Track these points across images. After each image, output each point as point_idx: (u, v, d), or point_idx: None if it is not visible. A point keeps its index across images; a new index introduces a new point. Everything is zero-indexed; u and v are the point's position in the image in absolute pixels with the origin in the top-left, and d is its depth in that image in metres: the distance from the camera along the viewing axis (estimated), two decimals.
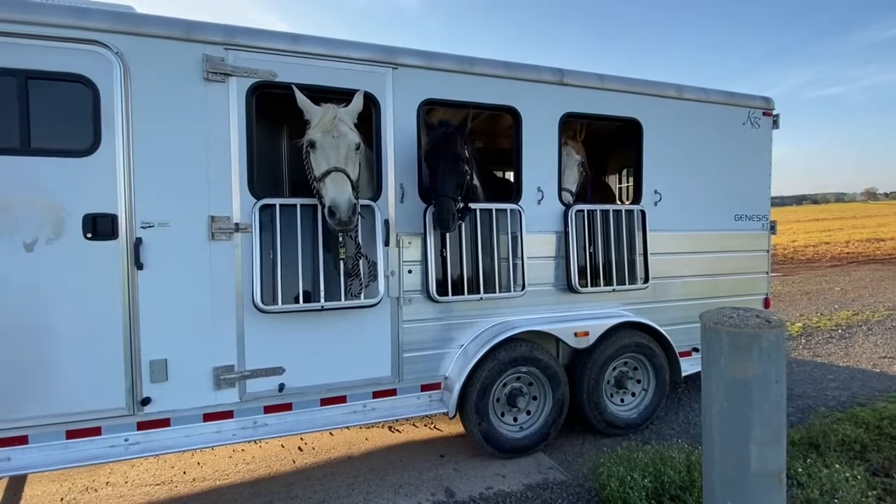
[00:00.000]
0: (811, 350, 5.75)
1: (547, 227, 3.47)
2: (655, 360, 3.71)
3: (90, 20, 2.49)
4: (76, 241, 2.46)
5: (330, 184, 2.48)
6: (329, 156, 2.53)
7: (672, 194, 3.84)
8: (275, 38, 2.77)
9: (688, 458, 2.88)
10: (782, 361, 1.47)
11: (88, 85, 2.48)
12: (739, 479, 1.52)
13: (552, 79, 3.43)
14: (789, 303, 8.58)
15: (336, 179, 2.49)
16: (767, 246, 4.27)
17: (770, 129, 4.20)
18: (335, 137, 2.54)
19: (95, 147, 2.49)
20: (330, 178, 2.49)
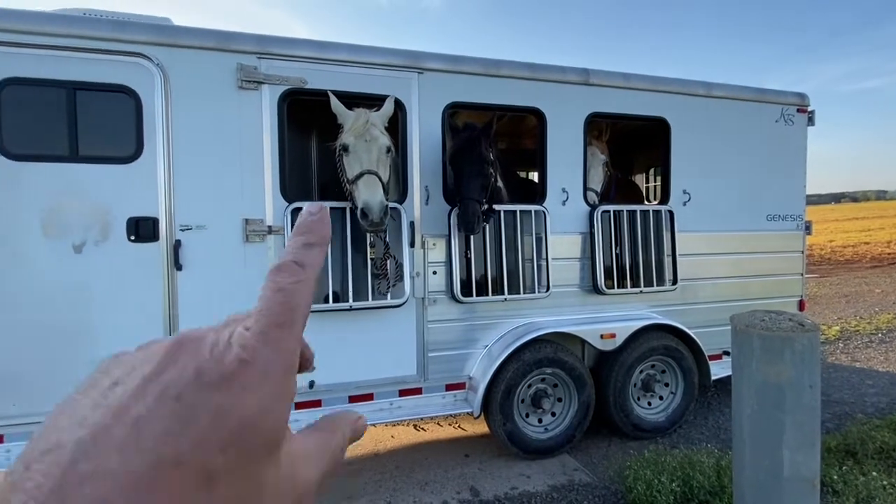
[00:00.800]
0: (849, 355, 5.53)
1: (572, 228, 3.45)
2: (684, 363, 3.65)
3: (133, 33, 2.63)
4: (121, 243, 2.60)
5: (362, 186, 2.56)
6: (361, 159, 2.60)
7: (701, 194, 3.77)
8: (305, 46, 2.86)
9: (717, 463, 2.83)
10: (817, 365, 1.44)
11: (131, 95, 2.62)
12: (771, 485, 1.49)
13: (577, 79, 3.42)
14: (826, 305, 8.25)
15: (368, 182, 2.56)
16: (802, 247, 4.14)
17: (805, 126, 4.07)
18: (367, 141, 2.61)
19: (138, 154, 2.62)
20: (362, 180, 2.56)
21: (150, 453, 0.20)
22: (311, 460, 0.26)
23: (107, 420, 0.21)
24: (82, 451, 0.20)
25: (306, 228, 0.29)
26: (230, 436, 0.22)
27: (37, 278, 2.48)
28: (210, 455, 0.21)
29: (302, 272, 0.26)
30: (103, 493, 0.19)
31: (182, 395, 0.22)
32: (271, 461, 0.24)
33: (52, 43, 2.50)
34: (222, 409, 0.22)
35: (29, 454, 0.21)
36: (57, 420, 0.22)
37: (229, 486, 0.22)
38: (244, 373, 0.23)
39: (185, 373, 0.22)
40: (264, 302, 0.25)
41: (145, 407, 0.21)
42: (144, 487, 0.20)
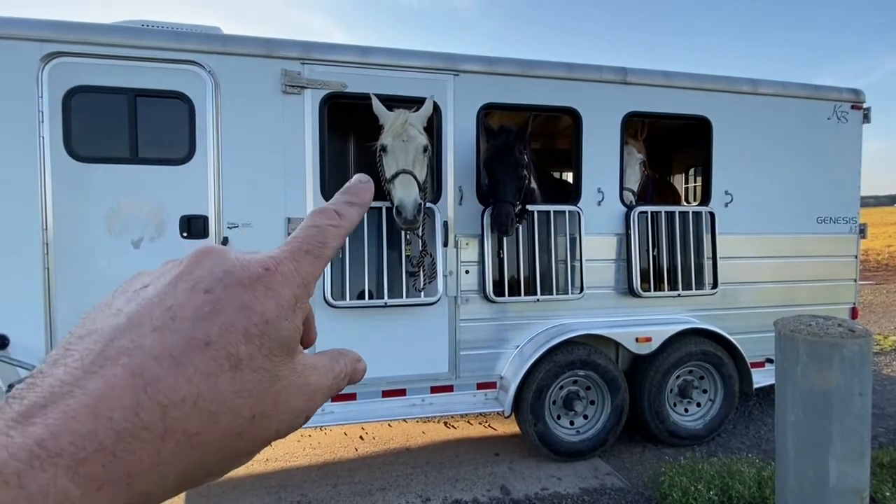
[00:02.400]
0: None
1: (607, 229, 3.41)
2: (724, 369, 3.53)
3: (187, 42, 2.79)
4: (174, 240, 2.77)
5: (398, 185, 2.63)
6: (398, 158, 2.68)
7: (745, 195, 3.63)
8: (346, 51, 2.96)
9: (759, 474, 2.73)
10: (868, 373, 1.38)
11: (185, 100, 2.79)
12: (816, 496, 1.44)
13: (614, 78, 3.37)
14: (882, 314, 7.73)
15: (404, 181, 2.63)
16: (856, 251, 3.91)
17: (860, 123, 3.85)
18: (405, 141, 2.69)
19: (191, 156, 2.79)
20: (398, 179, 2.64)
21: (182, 334, 0.22)
22: (319, 373, 0.28)
23: (142, 308, 0.23)
24: (120, 331, 0.22)
25: (353, 190, 0.32)
26: (254, 328, 0.24)
27: (100, 272, 2.68)
28: (235, 342, 0.23)
29: (338, 219, 0.29)
30: (139, 362, 0.21)
31: (212, 288, 0.24)
32: (287, 362, 0.26)
33: (115, 53, 2.70)
34: (247, 304, 0.24)
35: (67, 341, 0.23)
36: (92, 315, 0.25)
37: (251, 372, 0.24)
38: (268, 278, 0.25)
39: (214, 272, 0.24)
40: (300, 232, 0.28)
41: (178, 297, 0.24)
42: (177, 360, 0.22)
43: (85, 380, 0.21)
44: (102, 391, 0.20)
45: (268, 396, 0.25)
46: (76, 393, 0.20)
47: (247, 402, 0.24)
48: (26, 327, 2.60)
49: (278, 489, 3.01)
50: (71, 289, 2.65)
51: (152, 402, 0.21)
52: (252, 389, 0.24)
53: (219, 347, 0.23)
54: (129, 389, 0.20)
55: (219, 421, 0.23)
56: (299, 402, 0.27)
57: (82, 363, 0.21)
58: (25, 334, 2.60)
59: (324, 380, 0.29)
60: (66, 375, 0.21)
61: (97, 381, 0.20)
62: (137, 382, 0.21)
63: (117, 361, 0.21)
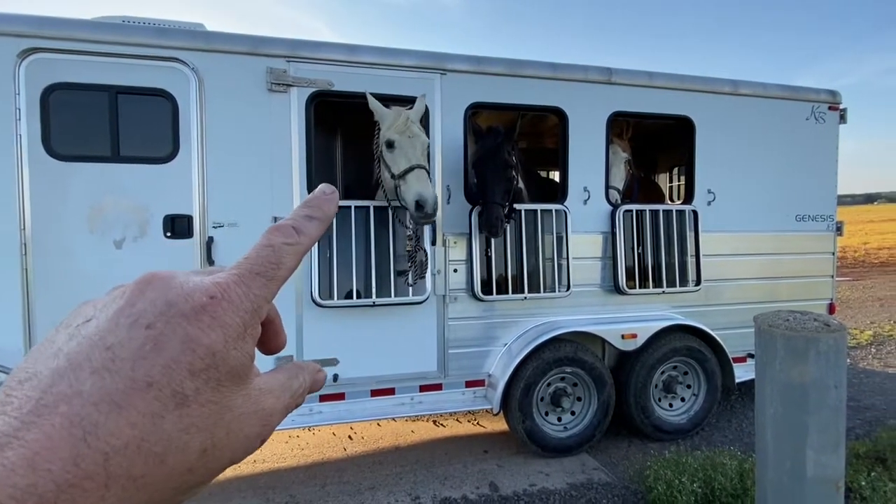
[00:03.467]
0: (882, 360, 5.34)
1: (593, 228, 3.45)
2: (707, 364, 3.60)
3: (169, 39, 2.75)
4: (158, 240, 2.73)
5: (414, 180, 2.63)
6: (408, 154, 2.68)
7: (727, 194, 3.71)
8: (332, 49, 2.94)
9: (741, 466, 2.79)
10: (842, 366, 1.43)
11: (168, 98, 2.74)
12: (794, 486, 1.49)
13: (600, 78, 3.41)
14: (859, 309, 7.96)
15: (419, 175, 2.64)
16: (833, 248, 4.03)
17: (836, 124, 3.96)
18: (410, 137, 2.69)
19: (174, 154, 2.75)
20: (413, 174, 2.64)
21: (123, 375, 0.22)
22: (274, 394, 0.28)
23: (82, 348, 0.22)
24: (59, 375, 0.21)
25: (314, 203, 0.31)
26: (199, 362, 0.23)
27: (82, 272, 2.63)
28: (180, 379, 0.22)
29: (296, 237, 0.28)
30: (78, 410, 0.20)
31: (153, 323, 0.23)
32: (239, 390, 0.25)
33: (95, 49, 2.64)
34: (191, 337, 0.23)
35: (8, 384, 0.22)
36: (34, 355, 0.24)
37: (199, 407, 0.23)
38: (213, 306, 0.24)
39: (156, 304, 0.24)
40: (252, 252, 0.27)
41: (118, 335, 0.23)
42: (118, 405, 0.21)
43: (23, 430, 0.20)
44: (41, 442, 0.20)
45: (219, 428, 0.24)
46: (14, 444, 0.19)
47: (196, 438, 0.23)
48: (3, 329, 2.54)
49: (266, 490, 2.99)
50: (51, 290, 2.60)
51: (93, 450, 0.20)
52: (201, 424, 0.23)
53: (162, 387, 0.22)
54: (67, 439, 0.20)
55: (166, 461, 0.22)
56: (254, 429, 0.26)
57: (20, 412, 0.20)
58: (2, 337, 2.54)
59: (279, 401, 0.28)
60: (5, 426, 0.20)
61: (35, 432, 0.20)
62: (76, 432, 0.20)
63: (56, 410, 0.20)
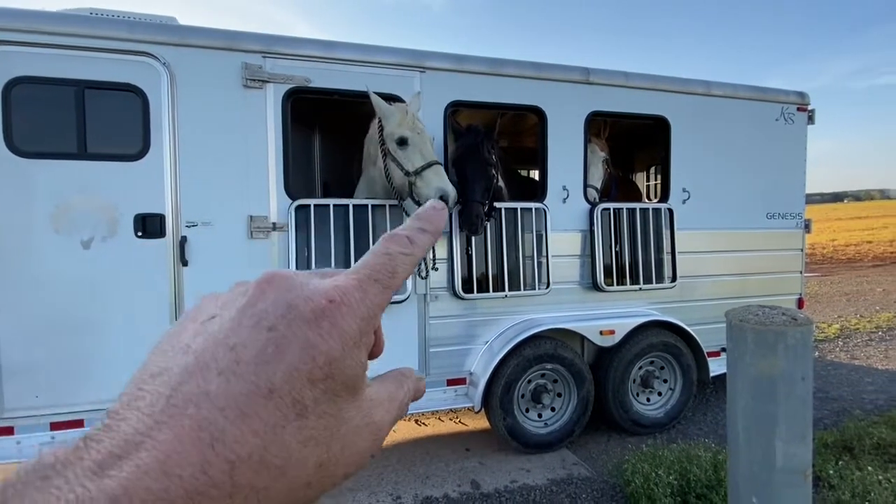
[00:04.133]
0: (849, 353, 5.56)
1: (572, 226, 3.49)
2: (683, 359, 3.68)
3: (140, 32, 2.67)
4: (128, 239, 2.65)
5: (433, 175, 2.65)
6: (423, 150, 2.69)
7: (701, 192, 3.80)
8: (309, 45, 2.90)
9: (715, 458, 2.87)
10: (809, 359, 1.47)
11: (138, 93, 2.66)
12: (764, 476, 1.53)
13: (578, 78, 3.45)
14: (827, 304, 8.26)
15: (438, 171, 2.67)
16: (802, 245, 4.16)
17: (805, 124, 4.09)
18: (419, 133, 2.70)
19: (145, 152, 2.67)
20: (431, 170, 2.66)
21: (246, 380, 0.21)
22: (384, 406, 0.27)
23: (208, 346, 0.23)
24: (188, 374, 0.22)
25: (426, 217, 0.30)
26: (319, 370, 0.23)
27: (47, 272, 2.53)
28: (300, 387, 0.22)
29: (409, 247, 0.28)
30: (206, 414, 0.21)
31: (275, 326, 0.23)
32: (353, 402, 0.25)
33: (60, 42, 2.54)
34: (311, 344, 0.23)
35: (139, 377, 0.23)
36: (162, 347, 0.24)
37: (317, 419, 0.23)
38: (333, 311, 0.24)
39: (278, 305, 0.23)
40: (370, 258, 0.27)
41: (241, 335, 0.23)
42: (243, 411, 0.21)
43: (156, 430, 0.20)
44: (172, 445, 0.20)
45: (335, 442, 0.24)
46: (147, 445, 0.20)
47: (314, 451, 0.23)
48: None
49: None
50: (15, 290, 2.50)
51: (220, 458, 0.20)
52: (318, 437, 0.23)
53: (284, 395, 0.22)
54: (196, 444, 0.20)
55: (286, 473, 0.22)
56: (366, 443, 0.26)
57: (153, 409, 0.21)
58: None
59: (388, 414, 0.28)
60: (139, 423, 0.21)
61: (166, 434, 0.20)
62: (204, 437, 0.20)
63: (185, 411, 0.21)
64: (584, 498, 2.86)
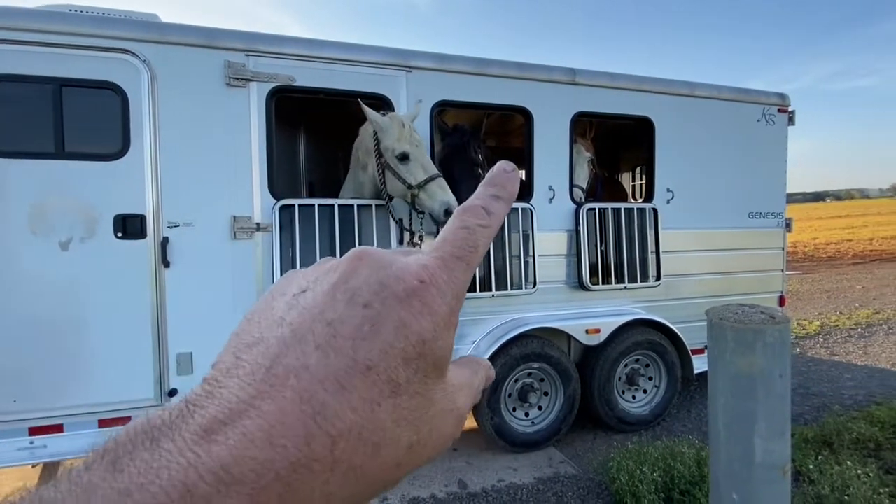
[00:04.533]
0: (829, 349, 5.68)
1: (558, 226, 3.51)
2: (667, 357, 3.73)
3: (119, 30, 2.62)
4: (108, 241, 2.59)
5: (438, 189, 2.68)
6: (425, 164, 2.71)
7: (685, 192, 3.85)
8: (293, 43, 2.87)
9: (698, 454, 2.91)
10: (787, 356, 1.50)
11: (118, 92, 2.61)
12: (744, 472, 1.56)
13: (564, 79, 3.47)
14: (808, 301, 8.44)
15: (442, 185, 2.69)
16: (783, 243, 4.24)
17: (785, 125, 4.17)
18: (418, 146, 2.73)
19: (125, 151, 2.62)
20: (435, 183, 2.68)
21: (345, 355, 0.21)
22: (464, 392, 0.27)
23: (304, 320, 0.22)
24: (286, 345, 0.22)
25: (498, 181, 0.29)
26: (411, 349, 0.23)
27: (24, 274, 2.47)
28: (395, 365, 0.22)
29: (486, 218, 0.27)
30: (306, 386, 0.20)
31: (370, 303, 0.23)
32: (440, 384, 0.25)
33: (36, 39, 2.48)
34: (404, 322, 0.23)
35: (235, 346, 0.23)
36: (255, 318, 0.24)
37: (409, 398, 0.23)
38: (423, 292, 0.24)
39: (370, 283, 0.23)
40: (449, 234, 0.26)
41: (337, 310, 0.22)
42: (342, 385, 0.21)
43: (258, 399, 0.20)
44: (276, 415, 0.20)
45: (424, 424, 0.24)
46: (252, 414, 0.20)
47: (405, 431, 0.23)
48: None
49: None
50: None
51: (322, 431, 0.20)
52: (410, 417, 0.23)
53: (380, 372, 0.22)
54: (299, 416, 0.20)
55: (380, 452, 0.22)
56: (450, 427, 0.26)
57: (254, 378, 0.21)
58: None
59: (468, 399, 0.28)
60: (241, 391, 0.20)
61: (270, 404, 0.20)
62: (306, 409, 0.20)
63: (286, 382, 0.21)
64: (571, 496, 2.88)
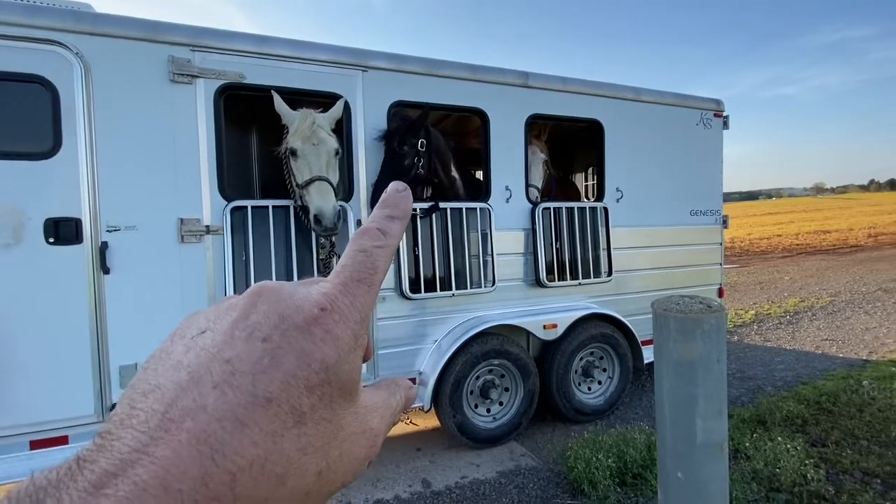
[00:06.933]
0: (762, 335, 6.15)
1: (515, 225, 3.60)
2: (620, 348, 3.91)
3: (46, 19, 2.43)
4: (38, 246, 2.40)
5: (314, 192, 2.54)
6: (311, 164, 2.58)
7: (632, 192, 4.05)
8: (242, 39, 2.78)
9: (648, 439, 3.07)
10: (723, 342, 1.62)
11: (47, 86, 2.43)
12: (687, 451, 1.67)
13: (517, 81, 3.56)
14: (744, 292, 9.08)
15: (320, 188, 2.55)
16: (720, 239, 4.55)
17: (721, 129, 4.47)
18: (315, 145, 2.59)
19: (56, 150, 2.44)
20: (314, 186, 2.55)
21: (243, 391, 0.21)
22: (379, 413, 0.27)
23: (202, 360, 0.22)
24: (182, 389, 0.21)
25: (392, 202, 0.30)
26: (315, 377, 0.23)
27: None
28: (297, 395, 0.22)
29: (383, 239, 0.28)
30: (203, 426, 0.20)
31: (269, 336, 0.23)
32: (349, 408, 0.25)
33: None
34: (305, 351, 0.23)
35: (130, 396, 0.22)
36: (153, 366, 0.24)
37: (315, 426, 0.23)
38: (325, 319, 0.24)
39: (270, 317, 0.23)
40: (347, 259, 0.27)
41: (235, 348, 0.22)
42: (241, 421, 0.21)
43: (152, 446, 0.20)
44: (171, 460, 0.19)
45: (333, 449, 0.23)
46: (145, 462, 0.19)
47: (312, 459, 0.22)
48: None
49: None
50: None
51: (220, 469, 0.20)
52: (317, 444, 0.23)
53: (281, 402, 0.22)
54: (196, 457, 0.20)
55: (286, 483, 0.21)
56: (363, 450, 0.26)
57: (148, 426, 0.20)
58: None
59: (383, 420, 0.28)
60: (133, 441, 0.20)
61: (163, 449, 0.19)
62: (203, 450, 0.20)
63: (182, 425, 0.20)
64: (532, 487, 2.96)
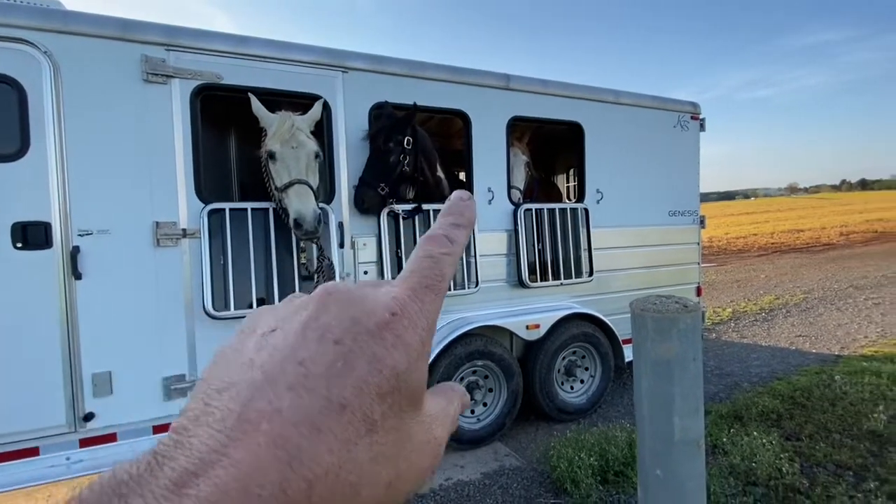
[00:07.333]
0: (739, 332, 6.30)
1: (498, 226, 3.61)
2: (601, 348, 3.96)
3: (13, 17, 2.35)
4: (4, 252, 2.32)
5: (294, 196, 2.51)
6: (290, 167, 2.55)
7: (613, 193, 4.11)
8: (219, 39, 2.73)
9: (629, 437, 3.12)
10: (699, 341, 1.66)
11: (13, 85, 2.35)
12: (665, 449, 1.70)
13: (498, 83, 3.58)
14: (722, 290, 9.29)
15: (300, 192, 2.51)
16: (698, 239, 4.65)
17: (697, 131, 4.58)
18: (294, 148, 2.56)
19: (24, 151, 2.36)
20: (293, 189, 2.51)
21: (318, 395, 0.21)
22: (439, 421, 0.27)
23: (275, 360, 0.22)
24: (256, 389, 0.21)
25: (455, 210, 0.31)
26: (386, 384, 0.22)
27: None
28: (369, 402, 0.22)
29: (450, 246, 0.28)
30: (280, 430, 0.20)
31: (341, 339, 0.22)
32: (416, 417, 0.24)
33: None
34: (377, 357, 0.22)
35: (204, 392, 0.22)
36: (223, 362, 0.23)
37: (385, 434, 0.22)
38: (395, 324, 0.23)
39: (341, 319, 0.23)
40: (415, 264, 0.27)
41: (308, 349, 0.22)
42: (317, 427, 0.20)
43: (230, 447, 0.19)
44: (250, 463, 0.19)
45: (401, 459, 0.23)
46: (224, 463, 0.19)
47: (384, 469, 0.22)
48: None
49: None
50: None
51: (298, 477, 0.19)
52: (387, 453, 0.22)
53: (355, 409, 0.21)
54: (274, 462, 0.19)
55: (360, 492, 0.21)
56: (428, 460, 0.25)
57: (224, 426, 0.20)
58: None
59: (444, 429, 0.27)
60: (211, 440, 0.20)
61: (242, 451, 0.19)
62: (281, 455, 0.19)
63: (259, 427, 0.20)
64: (515, 487, 2.98)
